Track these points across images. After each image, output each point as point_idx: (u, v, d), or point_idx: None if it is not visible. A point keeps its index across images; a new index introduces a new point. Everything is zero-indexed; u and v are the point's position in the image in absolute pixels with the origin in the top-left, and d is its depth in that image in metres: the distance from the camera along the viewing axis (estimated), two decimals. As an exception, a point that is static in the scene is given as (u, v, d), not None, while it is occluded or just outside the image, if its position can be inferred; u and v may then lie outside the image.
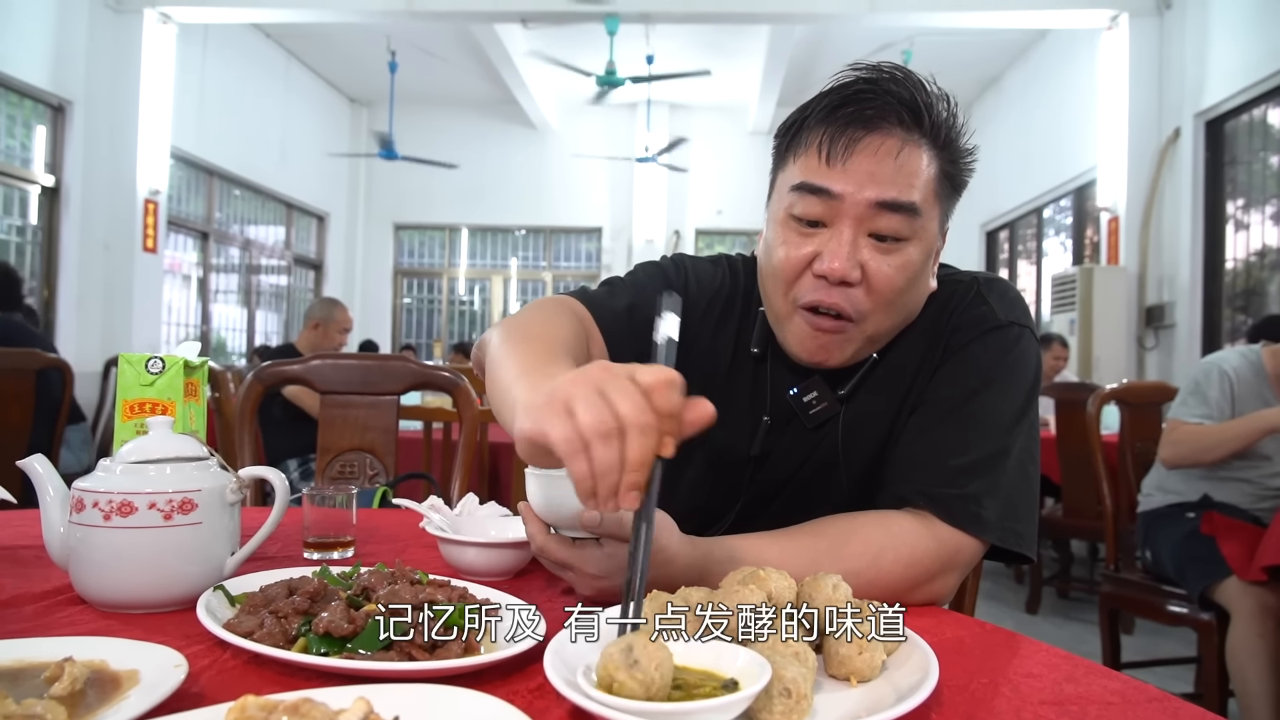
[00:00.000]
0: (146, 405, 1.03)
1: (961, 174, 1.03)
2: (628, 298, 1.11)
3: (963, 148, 1.02)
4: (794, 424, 1.10)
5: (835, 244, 0.96)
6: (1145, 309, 6.13)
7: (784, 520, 0.97)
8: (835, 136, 0.96)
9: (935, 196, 0.99)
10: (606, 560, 0.80)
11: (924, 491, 0.95)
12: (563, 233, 11.14)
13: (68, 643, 0.64)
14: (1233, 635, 2.17)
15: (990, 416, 0.99)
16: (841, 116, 0.96)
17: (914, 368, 1.06)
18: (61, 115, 6.27)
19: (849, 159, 0.95)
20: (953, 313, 1.07)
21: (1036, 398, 1.05)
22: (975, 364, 1.03)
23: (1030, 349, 1.05)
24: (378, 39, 8.39)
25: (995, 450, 0.97)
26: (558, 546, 0.83)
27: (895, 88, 0.97)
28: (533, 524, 0.85)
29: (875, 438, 1.07)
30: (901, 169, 0.95)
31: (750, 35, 8.06)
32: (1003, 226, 9.21)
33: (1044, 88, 8.07)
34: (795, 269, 0.99)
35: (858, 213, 0.96)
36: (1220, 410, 2.35)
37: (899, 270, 0.97)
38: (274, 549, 1.07)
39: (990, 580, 4.60)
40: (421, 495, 1.15)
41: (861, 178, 0.95)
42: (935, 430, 1.00)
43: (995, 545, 0.97)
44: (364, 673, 0.64)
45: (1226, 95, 5.46)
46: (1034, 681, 0.69)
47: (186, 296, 8.09)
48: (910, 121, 0.96)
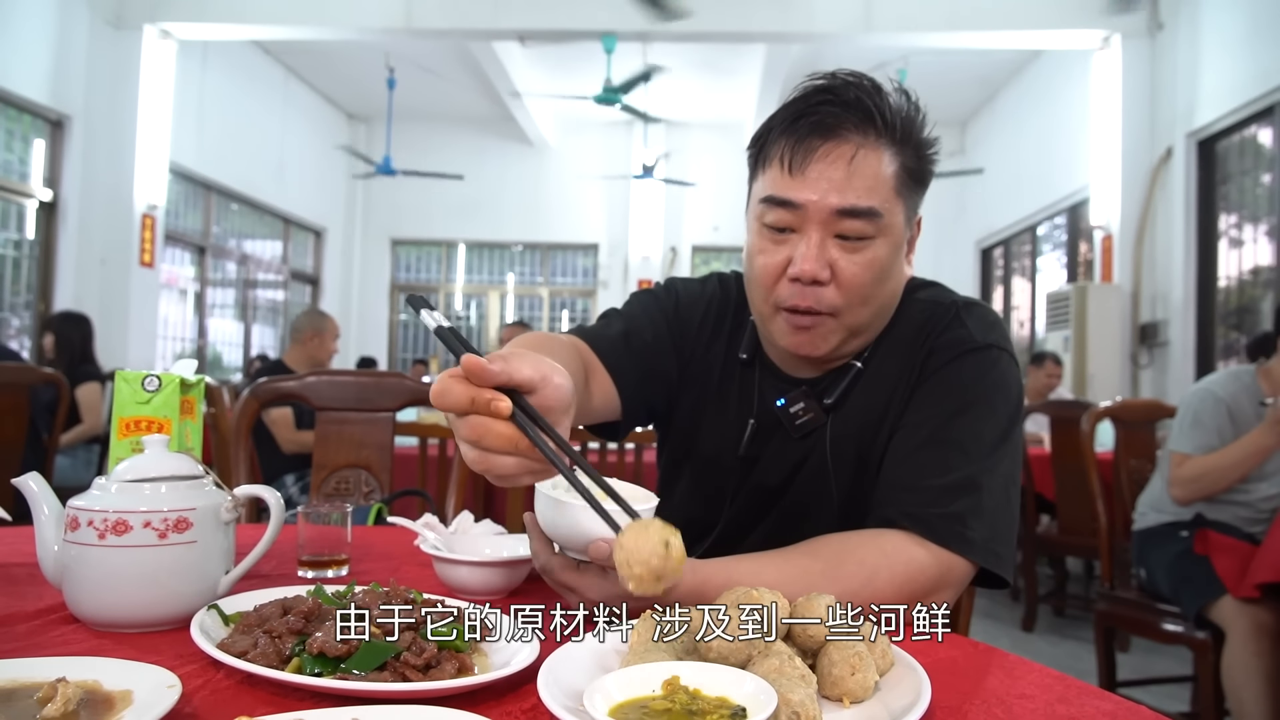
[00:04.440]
0: (142, 423, 1.03)
1: (925, 165, 1.07)
2: (621, 325, 1.16)
3: (924, 140, 1.06)
4: (781, 431, 1.13)
5: (804, 248, 1.01)
6: (1139, 326, 6.16)
7: (779, 531, 0.99)
8: (795, 147, 1.01)
9: (897, 194, 1.03)
10: (609, 588, 0.80)
11: (908, 513, 0.96)
12: (559, 249, 11.16)
13: (61, 663, 0.64)
14: (1228, 654, 2.17)
15: (973, 439, 1.01)
16: (801, 127, 1.01)
17: (894, 377, 1.09)
18: (60, 130, 6.29)
19: (807, 168, 1.00)
20: (930, 334, 1.09)
21: (1019, 420, 1.06)
22: (955, 386, 1.04)
23: (1010, 371, 1.07)
24: (376, 56, 8.43)
25: (978, 471, 0.98)
26: (562, 568, 0.82)
27: (849, 94, 1.01)
28: (538, 540, 0.84)
29: (861, 447, 1.09)
30: (858, 174, 1.00)
31: (747, 54, 8.12)
32: (997, 244, 9.25)
33: (1037, 107, 8.13)
34: (773, 274, 1.04)
35: (821, 218, 1.01)
36: (1222, 436, 2.33)
37: (865, 267, 1.02)
38: (268, 567, 1.06)
39: (985, 598, 4.59)
40: (416, 512, 1.15)
41: (822, 186, 1.00)
42: (918, 453, 1.01)
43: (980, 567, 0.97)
44: (358, 693, 0.64)
45: (1218, 115, 5.51)
46: (1027, 703, 0.69)
47: (183, 311, 8.09)
48: (865, 125, 1.01)
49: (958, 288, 1.19)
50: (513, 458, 0.70)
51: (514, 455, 0.69)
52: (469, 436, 0.69)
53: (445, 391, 0.68)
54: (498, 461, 0.70)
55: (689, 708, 0.58)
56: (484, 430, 0.69)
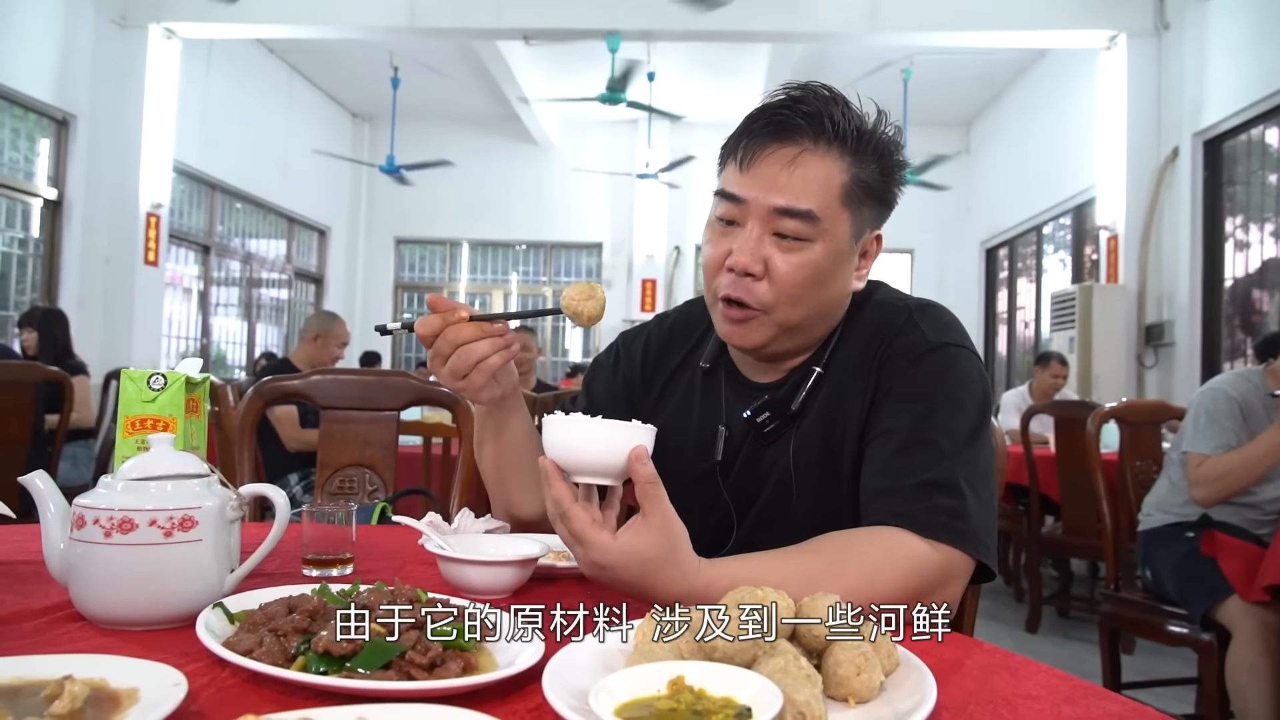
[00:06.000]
0: (148, 421, 1.03)
1: (888, 186, 1.09)
2: (583, 401, 1.29)
3: (892, 161, 1.08)
4: (750, 438, 1.15)
5: (741, 241, 1.05)
6: (1145, 327, 6.14)
7: (753, 538, 1.02)
8: (749, 145, 1.05)
9: (843, 204, 1.05)
10: (615, 554, 0.82)
11: (896, 512, 0.96)
12: (563, 248, 11.17)
13: (67, 660, 0.64)
14: (1234, 654, 2.16)
15: (946, 436, 1.01)
16: (756, 128, 1.06)
17: (852, 381, 1.10)
18: (65, 129, 6.30)
19: (753, 166, 1.04)
20: (885, 337, 1.10)
21: (988, 413, 1.06)
22: (919, 389, 1.05)
23: (971, 366, 1.07)
24: (380, 55, 8.43)
25: (956, 465, 0.99)
26: (580, 515, 0.83)
27: (809, 102, 1.05)
28: (558, 486, 0.84)
29: (824, 453, 1.10)
30: (798, 176, 1.03)
31: (751, 53, 8.11)
32: (1002, 244, 9.23)
33: (1043, 107, 8.11)
34: (716, 264, 1.08)
35: (761, 215, 1.04)
36: (1237, 435, 2.32)
37: (798, 267, 1.04)
38: (273, 566, 1.07)
39: (989, 599, 4.58)
40: (420, 511, 1.15)
41: (764, 184, 1.03)
42: (896, 459, 1.01)
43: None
44: (363, 692, 0.64)
45: (1225, 115, 5.49)
46: (1032, 703, 0.69)
47: (187, 310, 8.10)
48: (817, 131, 1.03)
49: (962, 288, 1.20)
50: (483, 340, 1.00)
51: (482, 338, 0.99)
52: (445, 347, 1.00)
53: (423, 323, 1.00)
54: (473, 350, 0.99)
55: (694, 707, 0.58)
56: (455, 333, 0.99)
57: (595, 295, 1.01)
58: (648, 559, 0.82)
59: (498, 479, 1.20)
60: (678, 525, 0.85)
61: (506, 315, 1.03)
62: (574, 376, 8.13)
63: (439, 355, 1.01)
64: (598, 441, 0.83)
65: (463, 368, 1.00)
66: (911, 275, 10.21)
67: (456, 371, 1.00)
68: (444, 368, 1.01)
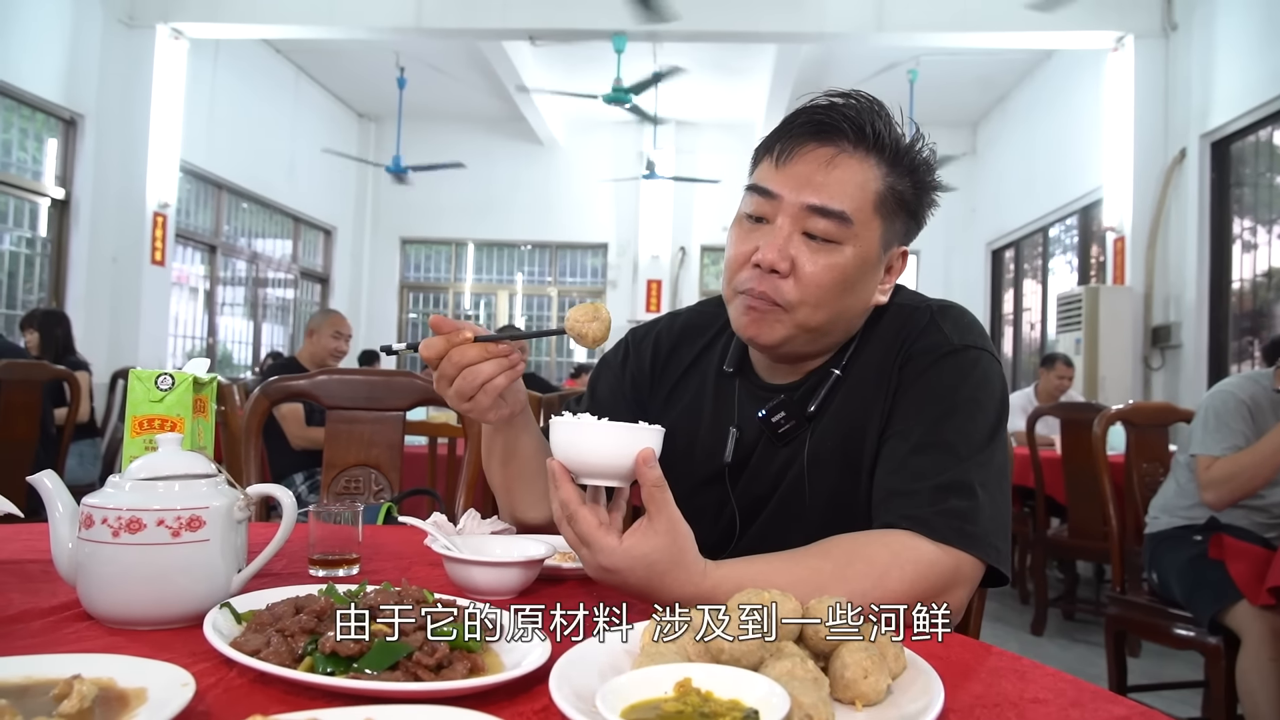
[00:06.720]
0: (156, 421, 1.04)
1: (919, 200, 1.08)
2: (586, 402, 1.28)
3: (928, 180, 1.08)
4: (764, 439, 1.14)
5: (770, 237, 1.04)
6: (1151, 329, 6.12)
7: (764, 538, 1.01)
8: (786, 143, 1.05)
9: (876, 211, 1.04)
10: (622, 557, 0.82)
11: (908, 515, 0.96)
12: (569, 248, 11.17)
13: (76, 660, 0.64)
14: (1243, 659, 2.15)
15: (962, 439, 1.01)
16: (795, 127, 1.06)
17: (873, 382, 1.10)
18: (73, 129, 6.32)
19: (789, 163, 1.04)
20: (905, 339, 1.09)
21: (1005, 417, 1.06)
22: (938, 390, 1.05)
23: (992, 370, 1.07)
24: (386, 55, 8.45)
25: (971, 469, 0.99)
26: (588, 517, 0.83)
27: (849, 108, 1.04)
28: (566, 488, 0.84)
29: (842, 454, 1.10)
30: (835, 177, 1.02)
31: (757, 54, 8.10)
32: (1008, 245, 9.21)
33: (1050, 108, 8.09)
34: (740, 261, 1.07)
35: (793, 212, 1.03)
36: (1247, 437, 2.30)
37: (826, 269, 1.03)
38: (280, 566, 1.07)
39: (995, 601, 4.57)
40: (426, 511, 1.15)
41: (798, 181, 1.03)
42: (910, 459, 1.01)
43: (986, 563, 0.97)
44: (370, 693, 0.64)
45: (1232, 116, 5.47)
46: (1040, 707, 0.69)
47: (193, 309, 8.12)
48: (856, 135, 1.03)
49: (969, 289, 1.19)
50: (489, 362, 0.98)
51: (487, 359, 0.98)
52: (450, 369, 0.98)
53: (428, 345, 0.99)
54: (478, 371, 0.97)
55: (701, 710, 0.58)
56: (460, 355, 0.98)
57: (600, 316, 0.98)
58: (654, 562, 0.82)
59: (506, 490, 1.20)
60: (684, 528, 0.85)
61: (511, 336, 1.02)
62: (578, 377, 8.12)
63: (445, 377, 1.00)
64: (606, 444, 0.83)
65: (469, 389, 0.99)
66: (917, 276, 10.17)
67: (463, 393, 0.99)
68: (450, 389, 1.00)
